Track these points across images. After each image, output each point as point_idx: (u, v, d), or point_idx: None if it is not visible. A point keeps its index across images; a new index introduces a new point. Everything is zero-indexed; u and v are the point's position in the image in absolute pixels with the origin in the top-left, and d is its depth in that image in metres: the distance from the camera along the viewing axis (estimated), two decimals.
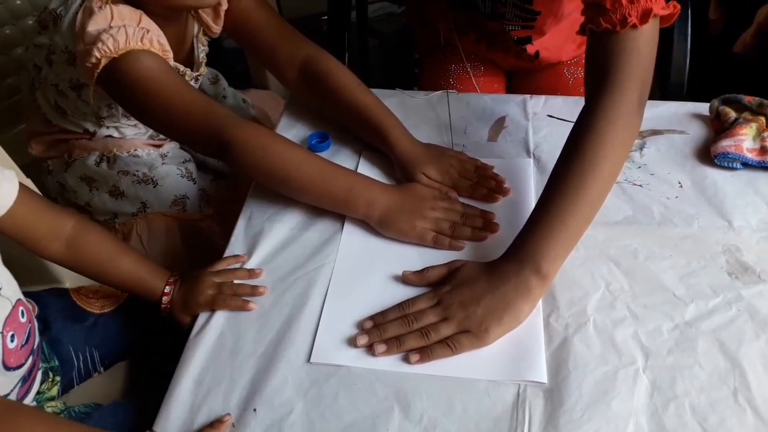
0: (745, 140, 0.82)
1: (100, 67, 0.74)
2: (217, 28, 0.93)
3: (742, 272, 0.70)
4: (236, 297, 0.70)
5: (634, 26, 0.70)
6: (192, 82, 0.94)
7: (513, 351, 0.64)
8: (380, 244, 0.76)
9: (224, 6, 0.90)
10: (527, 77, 1.15)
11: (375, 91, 0.91)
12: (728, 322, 0.65)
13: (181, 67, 0.91)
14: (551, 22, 1.00)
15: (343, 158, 0.88)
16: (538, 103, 0.95)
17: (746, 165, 0.82)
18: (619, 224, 0.77)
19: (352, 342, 0.65)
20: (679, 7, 0.73)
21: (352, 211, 0.77)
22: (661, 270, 0.71)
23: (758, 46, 1.32)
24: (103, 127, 0.98)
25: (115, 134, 1.00)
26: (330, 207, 0.79)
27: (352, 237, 0.77)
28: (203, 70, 0.97)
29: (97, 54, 0.73)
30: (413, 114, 0.95)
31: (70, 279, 0.87)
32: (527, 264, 0.66)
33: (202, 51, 0.96)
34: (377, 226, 0.77)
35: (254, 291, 0.70)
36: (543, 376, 0.61)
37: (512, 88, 1.18)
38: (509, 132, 0.91)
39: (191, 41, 0.95)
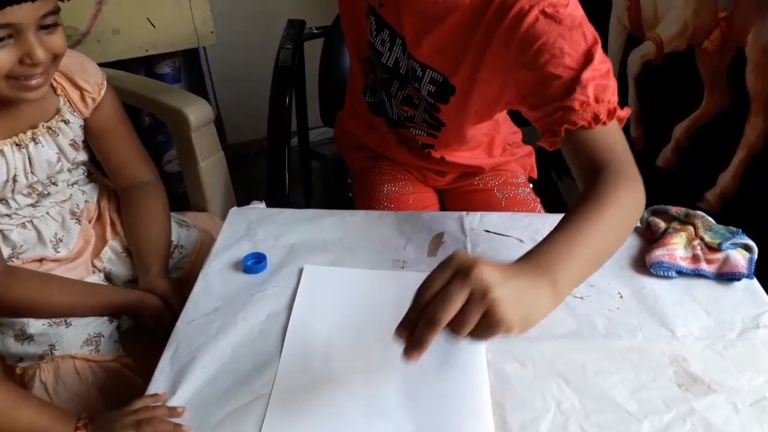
0: (677, 249, 0.84)
1: None
2: (84, 111, 0.98)
3: (691, 383, 0.68)
4: None
5: (605, 123, 0.76)
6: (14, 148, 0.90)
7: None
8: (322, 369, 0.71)
9: (92, 94, 0.97)
10: (459, 198, 1.17)
11: (316, 211, 0.91)
12: None
13: None
14: (453, 138, 1.05)
15: (281, 279, 0.85)
16: (474, 220, 0.96)
17: (681, 273, 0.83)
18: (565, 338, 0.75)
19: None
20: (630, 110, 0.80)
21: None
22: (611, 385, 0.68)
23: (678, 160, 1.41)
24: None
25: None
26: None
27: (291, 362, 0.72)
28: (42, 129, 0.93)
29: None
30: (353, 233, 0.94)
31: None
32: (545, 274, 0.60)
33: (57, 118, 0.95)
34: None
35: (177, 430, 0.64)
36: None
37: (445, 209, 1.20)
38: (448, 247, 0.90)
39: (53, 113, 0.95)
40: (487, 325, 0.54)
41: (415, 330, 0.55)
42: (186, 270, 1.08)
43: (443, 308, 0.53)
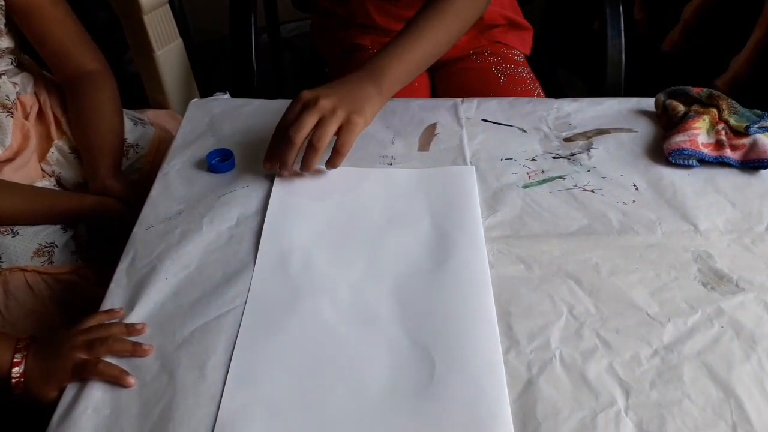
0: (699, 134, 0.74)
1: None
2: None
3: (717, 281, 0.61)
4: (112, 362, 0.54)
5: None
6: None
7: (471, 404, 0.51)
8: (302, 277, 0.63)
9: None
10: (454, 79, 1.06)
11: (288, 102, 0.79)
12: (713, 342, 0.56)
13: None
14: None
15: (251, 179, 0.74)
16: (470, 107, 0.85)
17: (702, 161, 0.74)
18: (575, 235, 0.66)
19: (266, 413, 0.51)
20: None
21: None
22: (629, 286, 0.61)
23: (686, 43, 1.30)
24: None
25: None
26: None
27: (266, 270, 0.63)
28: None
29: None
30: None
31: None
32: (371, 79, 0.72)
33: None
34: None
35: (136, 349, 0.55)
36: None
37: (438, 92, 1.08)
38: (441, 140, 0.80)
39: None
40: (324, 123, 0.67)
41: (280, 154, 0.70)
42: (144, 172, 0.97)
43: (296, 131, 0.68)
